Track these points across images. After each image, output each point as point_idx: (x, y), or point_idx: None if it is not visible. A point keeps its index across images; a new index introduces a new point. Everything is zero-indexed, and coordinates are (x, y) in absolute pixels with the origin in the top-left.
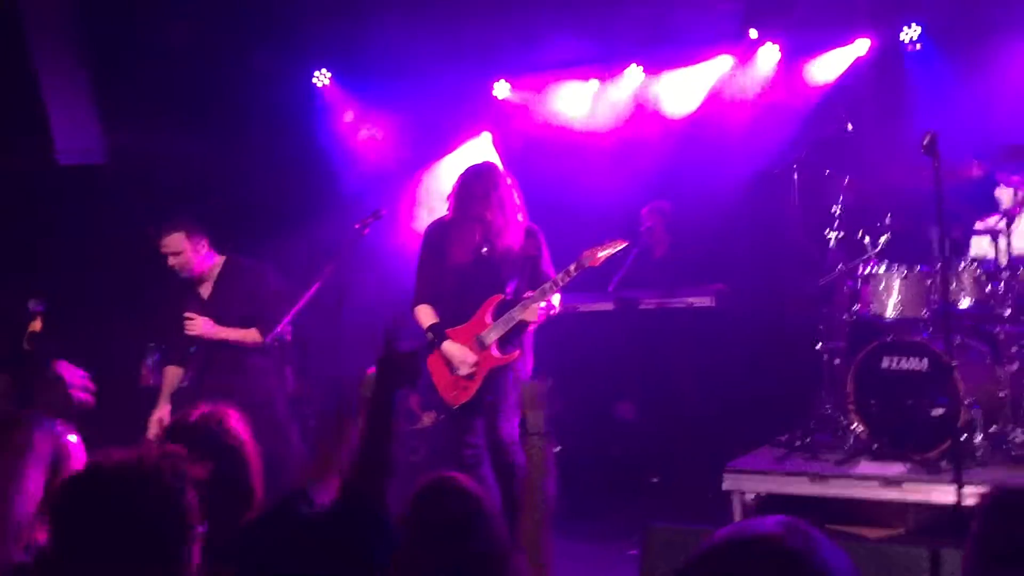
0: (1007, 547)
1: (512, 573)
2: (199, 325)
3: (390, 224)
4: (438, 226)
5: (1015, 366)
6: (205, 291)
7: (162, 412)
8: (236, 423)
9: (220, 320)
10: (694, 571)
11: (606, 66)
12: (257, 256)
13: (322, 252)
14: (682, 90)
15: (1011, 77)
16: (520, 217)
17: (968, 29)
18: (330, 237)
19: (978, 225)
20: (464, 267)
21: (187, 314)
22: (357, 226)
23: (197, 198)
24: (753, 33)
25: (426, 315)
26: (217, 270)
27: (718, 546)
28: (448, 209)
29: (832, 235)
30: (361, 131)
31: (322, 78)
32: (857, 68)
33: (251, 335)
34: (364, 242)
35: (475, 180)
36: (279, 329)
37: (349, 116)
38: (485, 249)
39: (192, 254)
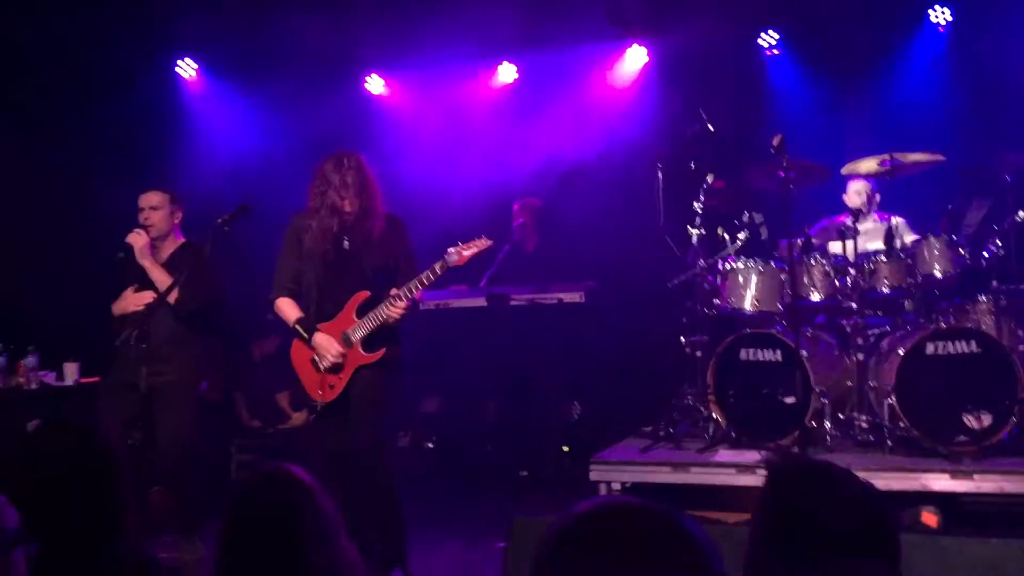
0: (786, 521)
1: None
2: (140, 237)
3: (258, 221)
4: (298, 217)
5: (861, 357)
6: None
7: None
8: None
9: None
10: (559, 547)
11: (479, 63)
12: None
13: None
14: (553, 89)
15: (860, 84)
16: (381, 208)
17: (823, 37)
18: (193, 234)
19: (828, 223)
20: (325, 261)
21: (136, 230)
22: (220, 222)
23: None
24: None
25: (290, 309)
26: (175, 247)
27: (579, 519)
28: (308, 199)
29: (694, 232)
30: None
31: (187, 68)
32: (719, 69)
33: (171, 289)
34: (230, 239)
35: (334, 169)
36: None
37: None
38: (347, 242)
39: (167, 216)
